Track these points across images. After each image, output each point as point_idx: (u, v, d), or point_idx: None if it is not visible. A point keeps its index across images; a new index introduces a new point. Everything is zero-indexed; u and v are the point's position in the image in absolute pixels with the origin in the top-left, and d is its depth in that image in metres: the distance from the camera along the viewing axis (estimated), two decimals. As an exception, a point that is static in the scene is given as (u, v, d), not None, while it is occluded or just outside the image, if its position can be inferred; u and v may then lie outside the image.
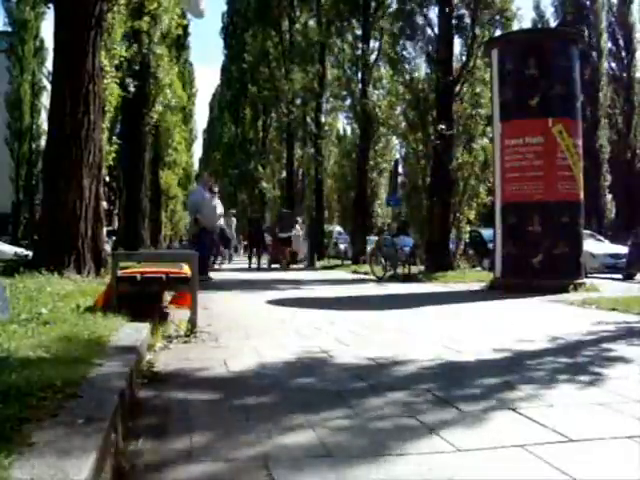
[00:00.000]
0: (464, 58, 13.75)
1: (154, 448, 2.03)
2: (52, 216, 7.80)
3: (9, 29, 35.34)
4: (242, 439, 2.11)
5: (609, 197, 32.69)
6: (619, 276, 14.05)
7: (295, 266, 18.28)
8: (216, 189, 11.40)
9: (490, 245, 9.45)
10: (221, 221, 12.10)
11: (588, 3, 33.68)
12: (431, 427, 2.23)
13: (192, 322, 4.56)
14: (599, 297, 7.23)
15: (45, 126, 16.77)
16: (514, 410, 2.45)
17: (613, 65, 34.53)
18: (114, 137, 12.15)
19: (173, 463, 1.91)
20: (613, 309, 6.07)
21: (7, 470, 1.41)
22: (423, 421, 2.30)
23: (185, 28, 26.44)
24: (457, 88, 13.48)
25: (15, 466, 1.44)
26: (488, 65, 10.84)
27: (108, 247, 10.11)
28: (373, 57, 19.18)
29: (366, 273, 13.21)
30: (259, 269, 16.95)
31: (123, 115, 17.56)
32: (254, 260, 18.19)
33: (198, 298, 4.78)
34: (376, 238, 18.10)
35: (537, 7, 36.37)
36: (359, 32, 19.35)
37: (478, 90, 13.50)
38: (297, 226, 19.30)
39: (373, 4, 18.93)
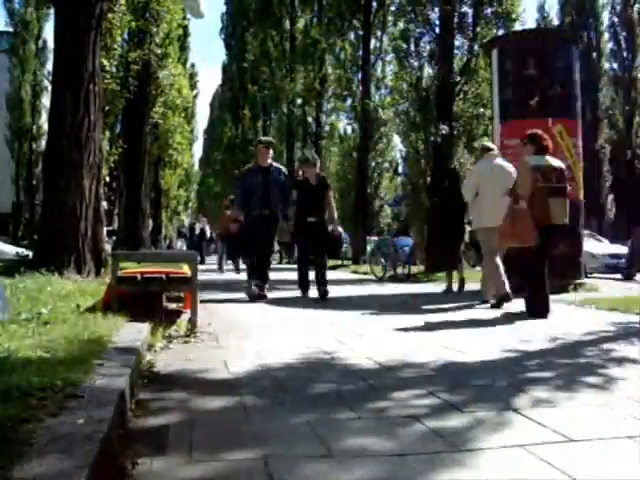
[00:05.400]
0: (465, 58, 13.79)
1: (154, 448, 2.03)
2: (52, 216, 7.81)
3: (11, 29, 35.38)
4: (242, 439, 2.11)
5: (609, 197, 32.69)
6: (619, 276, 14.05)
7: (294, 266, 18.24)
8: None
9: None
10: None
11: (588, 4, 33.71)
12: (433, 428, 2.23)
13: (192, 322, 4.57)
14: (599, 297, 7.23)
15: (45, 126, 16.76)
16: (515, 410, 2.45)
17: (614, 65, 34.54)
18: (119, 140, 12.15)
19: (173, 463, 1.91)
20: (613, 309, 6.07)
21: (8, 470, 1.41)
22: (425, 422, 2.30)
23: (185, 28, 26.49)
24: (458, 87, 13.50)
25: (15, 467, 1.44)
26: (489, 65, 10.85)
27: (108, 247, 10.11)
28: (374, 57, 19.20)
29: (366, 273, 13.21)
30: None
31: (124, 115, 17.58)
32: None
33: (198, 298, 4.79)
34: (376, 238, 18.13)
35: (541, 7, 36.38)
36: (360, 32, 19.38)
37: (479, 90, 13.52)
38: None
39: (374, 4, 18.94)
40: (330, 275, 13.57)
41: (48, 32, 35.18)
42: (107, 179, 12.01)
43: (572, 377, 3.07)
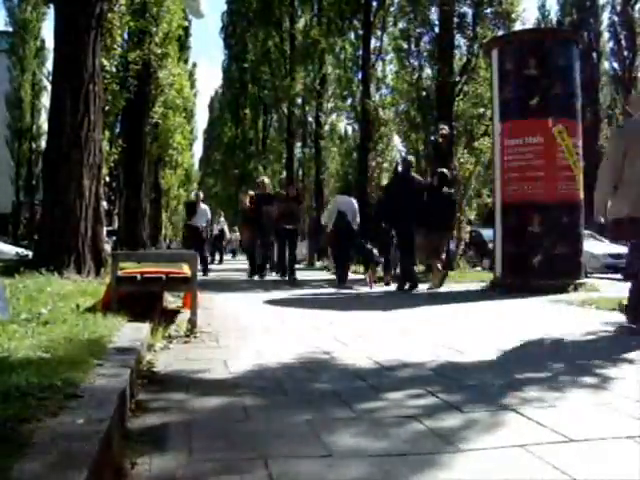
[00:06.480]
0: (465, 58, 13.81)
1: (154, 448, 2.03)
2: (52, 216, 7.81)
3: (10, 29, 35.37)
4: (242, 438, 2.11)
5: (609, 197, 32.61)
6: (619, 276, 14.04)
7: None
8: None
9: (490, 245, 9.47)
10: None
11: (588, 4, 33.71)
12: (432, 428, 2.23)
13: (192, 322, 4.57)
14: (599, 297, 7.22)
15: (45, 126, 16.79)
16: (514, 410, 2.45)
17: (615, 65, 34.54)
18: (119, 140, 12.14)
19: (173, 463, 1.91)
20: (613, 309, 6.06)
21: (7, 471, 1.41)
22: (424, 422, 2.30)
23: (186, 29, 26.51)
24: (458, 87, 13.50)
25: (15, 467, 1.44)
26: (489, 65, 10.85)
27: (108, 247, 10.11)
28: (374, 57, 19.19)
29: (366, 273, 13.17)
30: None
31: (124, 115, 17.58)
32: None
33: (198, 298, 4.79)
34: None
35: (542, 6, 36.43)
36: (360, 32, 19.36)
37: (479, 90, 13.53)
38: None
39: (374, 4, 18.92)
40: (330, 275, 13.57)
41: (47, 32, 35.24)
42: (107, 179, 12.00)
43: (572, 377, 3.07)
